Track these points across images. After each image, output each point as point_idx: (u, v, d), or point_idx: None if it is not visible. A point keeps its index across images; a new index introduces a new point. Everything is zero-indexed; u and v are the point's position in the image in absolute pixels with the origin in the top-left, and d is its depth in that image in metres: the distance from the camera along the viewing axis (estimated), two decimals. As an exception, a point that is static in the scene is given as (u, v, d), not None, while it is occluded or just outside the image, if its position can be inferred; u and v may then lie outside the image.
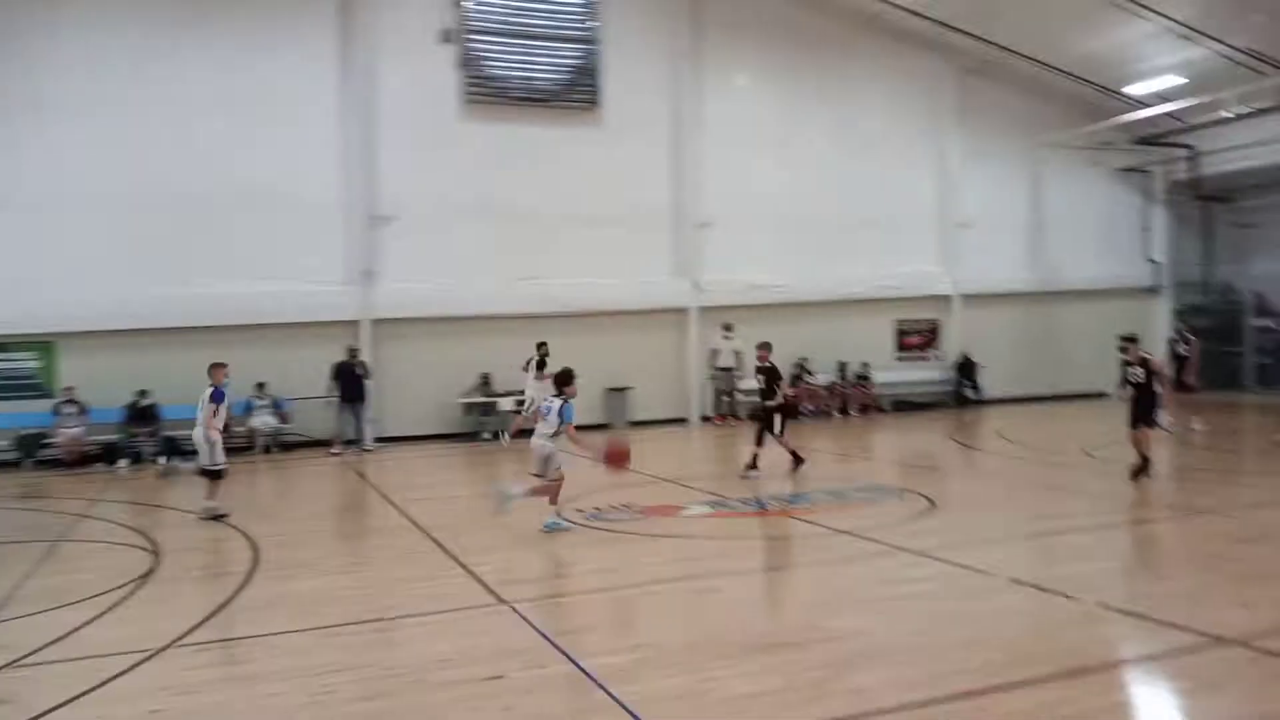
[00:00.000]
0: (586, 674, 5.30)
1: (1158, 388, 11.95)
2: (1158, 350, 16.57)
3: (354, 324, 18.21)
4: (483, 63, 19.41)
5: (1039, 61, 22.80)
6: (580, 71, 20.03)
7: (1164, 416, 12.00)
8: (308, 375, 17.31)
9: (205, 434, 10.68)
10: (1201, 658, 5.39)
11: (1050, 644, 5.69)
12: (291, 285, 17.67)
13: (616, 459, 9.54)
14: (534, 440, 9.44)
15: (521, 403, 17.32)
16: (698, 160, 20.77)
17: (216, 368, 10.92)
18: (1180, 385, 15.68)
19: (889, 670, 5.30)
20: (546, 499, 9.37)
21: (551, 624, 6.22)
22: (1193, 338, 17.15)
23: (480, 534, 9.51)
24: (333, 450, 16.88)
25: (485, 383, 18.71)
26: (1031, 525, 9.63)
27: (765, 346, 13.03)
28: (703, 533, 9.32)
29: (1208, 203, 24.75)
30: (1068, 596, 6.62)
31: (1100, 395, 23.95)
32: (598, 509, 10.34)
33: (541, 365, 16.37)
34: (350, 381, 17.21)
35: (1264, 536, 8.62)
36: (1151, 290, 25.33)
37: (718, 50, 21.08)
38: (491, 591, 7.11)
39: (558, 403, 9.34)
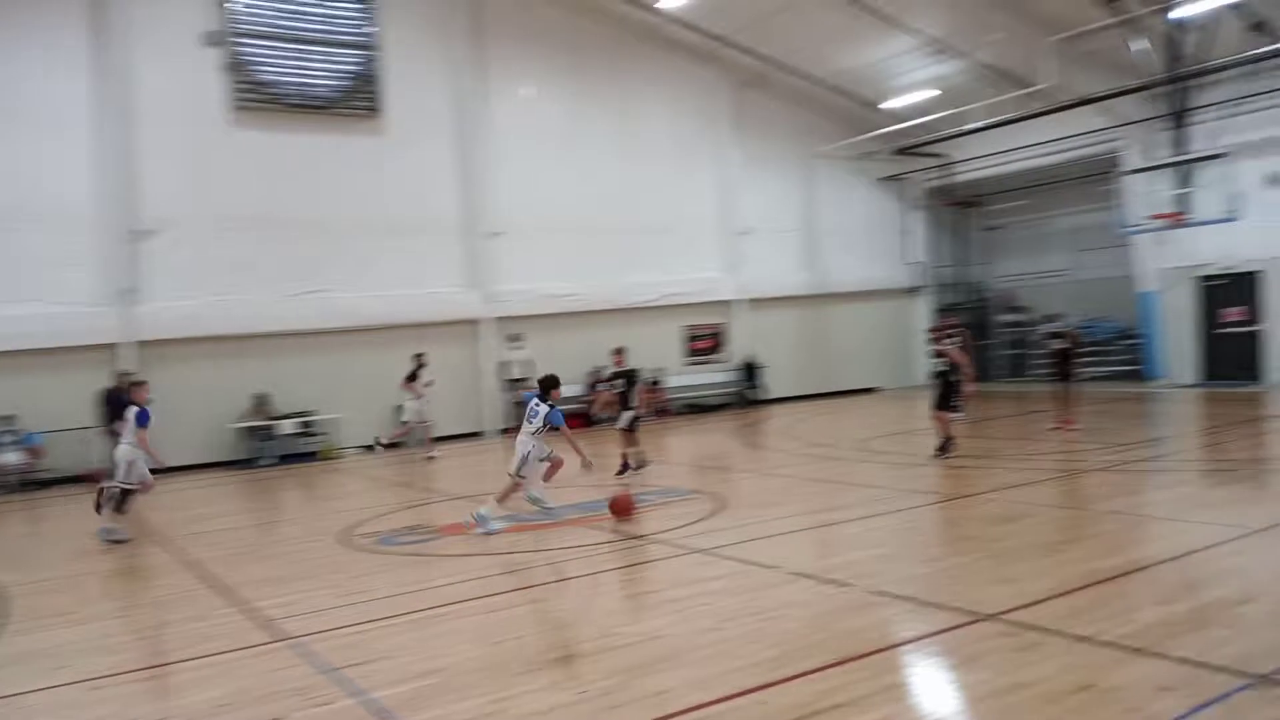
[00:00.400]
0: (374, 706, 5.09)
1: (956, 377, 13.09)
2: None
3: (115, 347, 16.88)
4: (253, 67, 18.48)
5: (807, 76, 24.09)
6: (360, 78, 19.44)
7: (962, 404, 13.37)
8: (65, 405, 15.88)
9: (132, 452, 10.39)
10: (963, 634, 5.78)
11: (829, 633, 5.96)
12: (41, 307, 16.27)
13: (622, 510, 10.05)
14: (519, 439, 9.92)
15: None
16: (486, 169, 20.62)
17: (139, 386, 10.60)
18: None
19: (682, 671, 5.39)
20: (504, 499, 9.92)
21: (337, 657, 5.94)
22: (962, 330, 18.62)
23: (260, 567, 9.02)
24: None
25: (262, 404, 17.78)
26: (813, 518, 10.10)
27: (621, 351, 13.82)
28: (499, 548, 9.21)
29: (960, 208, 26.96)
30: (845, 585, 6.97)
31: (870, 390, 25.64)
32: (387, 532, 10.02)
33: (413, 377, 16.49)
34: (119, 409, 15.83)
35: (1019, 516, 9.40)
36: (913, 291, 27.28)
37: (501, 59, 21.01)
38: (272, 627, 6.73)
39: (544, 407, 9.83)
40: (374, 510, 11.61)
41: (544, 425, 9.74)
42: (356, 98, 19.43)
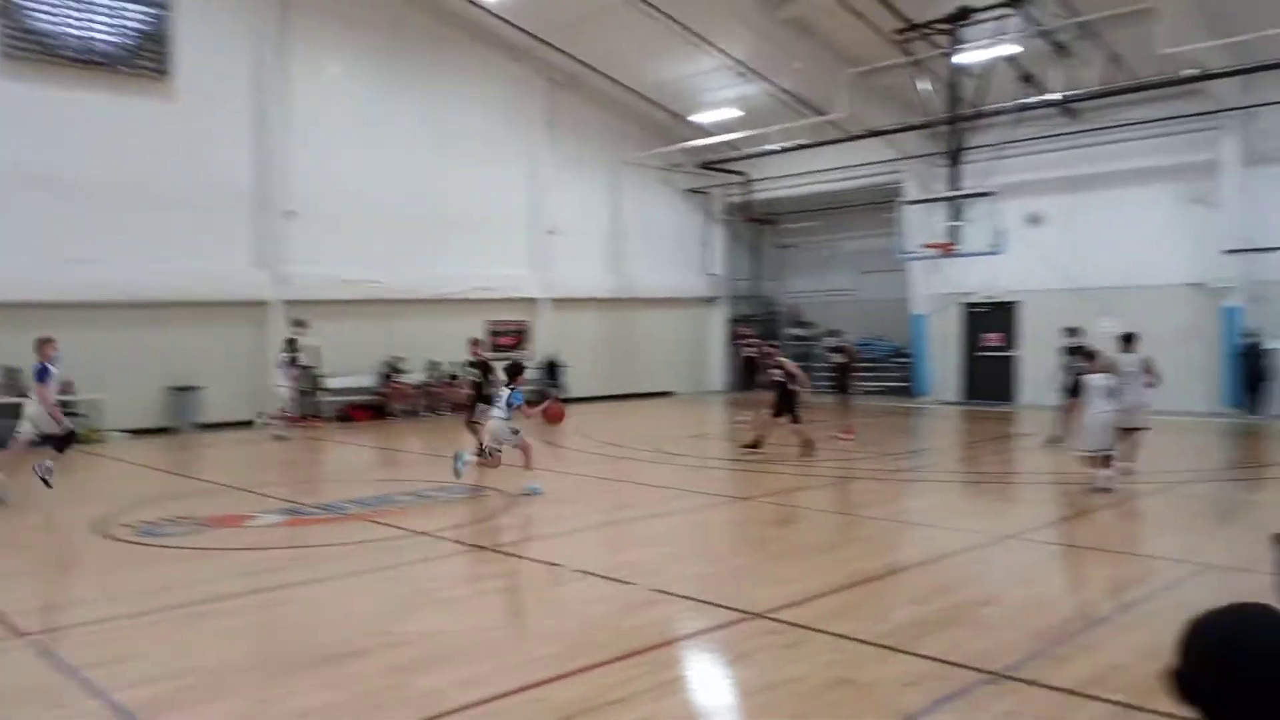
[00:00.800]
0: (119, 709, 4.72)
1: (793, 386, 14.15)
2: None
3: None
4: (26, 15, 16.80)
5: (619, 82, 24.40)
6: (148, 37, 18.04)
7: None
8: None
9: (43, 410, 10.67)
10: (737, 631, 5.99)
11: (609, 630, 6.04)
12: None
13: (554, 416, 12.68)
14: (491, 421, 11.21)
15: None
16: (284, 145, 19.60)
17: (45, 343, 10.64)
18: (753, 384, 17.96)
19: (458, 670, 5.30)
20: (493, 469, 11.23)
21: (81, 656, 5.46)
22: (758, 341, 19.45)
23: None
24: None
25: (13, 380, 16.18)
26: (601, 516, 10.21)
27: (477, 342, 14.50)
28: (272, 543, 8.77)
29: (756, 224, 28.08)
30: (627, 583, 7.08)
31: (667, 394, 26.26)
32: (149, 522, 9.34)
33: (293, 360, 17.24)
34: None
35: (794, 519, 9.88)
36: (710, 300, 28.18)
37: (308, 34, 20.06)
38: (6, 623, 6.12)
39: (506, 390, 11.06)
40: (136, 499, 10.81)
41: (509, 406, 10.90)
42: (143, 57, 18.01)
